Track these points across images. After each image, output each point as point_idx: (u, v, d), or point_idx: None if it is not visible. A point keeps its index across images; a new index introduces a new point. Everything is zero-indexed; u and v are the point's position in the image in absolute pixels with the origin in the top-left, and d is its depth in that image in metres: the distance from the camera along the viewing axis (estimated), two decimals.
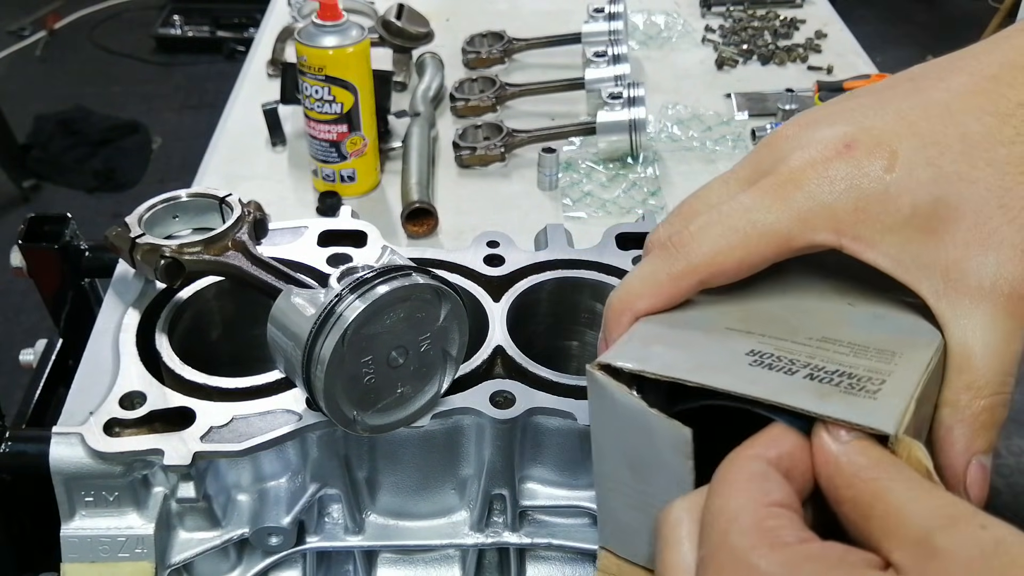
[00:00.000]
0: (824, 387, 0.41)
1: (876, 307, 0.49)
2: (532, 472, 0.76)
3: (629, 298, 0.50)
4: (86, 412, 0.68)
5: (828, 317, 0.48)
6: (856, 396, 0.40)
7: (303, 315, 0.62)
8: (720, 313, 0.49)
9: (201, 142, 1.44)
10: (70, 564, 0.69)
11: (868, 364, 0.43)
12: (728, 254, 0.47)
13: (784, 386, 0.41)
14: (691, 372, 0.43)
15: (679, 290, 0.49)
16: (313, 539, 0.77)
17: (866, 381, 0.41)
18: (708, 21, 1.76)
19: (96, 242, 0.89)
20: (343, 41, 1.15)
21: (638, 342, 0.47)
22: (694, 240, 0.48)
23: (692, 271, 0.48)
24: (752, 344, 0.45)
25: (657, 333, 0.48)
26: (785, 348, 0.44)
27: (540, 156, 1.28)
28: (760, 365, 0.43)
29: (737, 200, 0.48)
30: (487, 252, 0.85)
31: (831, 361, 0.43)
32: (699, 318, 0.49)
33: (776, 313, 0.49)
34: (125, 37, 4.04)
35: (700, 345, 0.46)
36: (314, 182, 1.28)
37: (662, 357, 0.44)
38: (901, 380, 0.42)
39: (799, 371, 0.42)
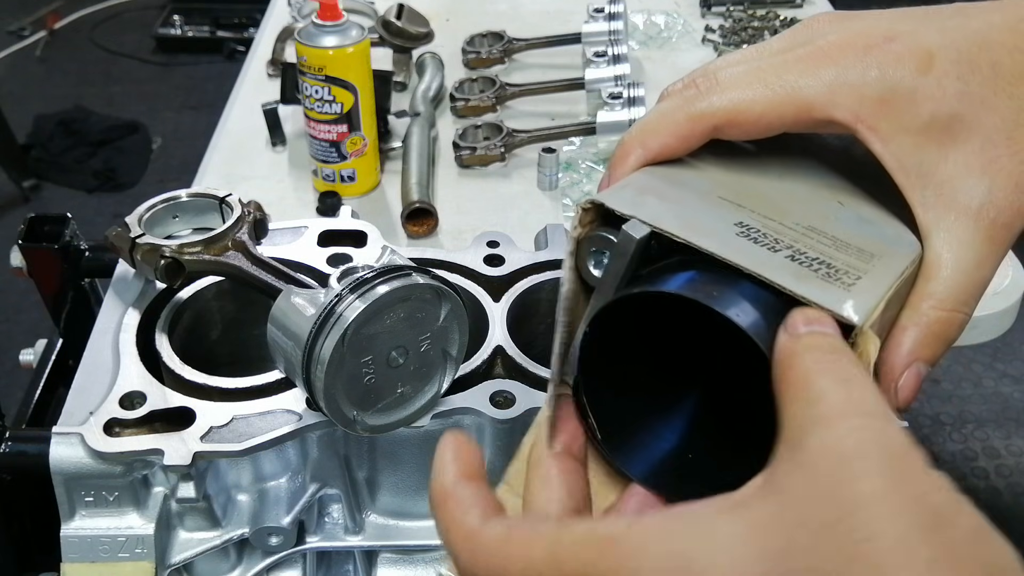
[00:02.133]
0: (803, 270, 0.42)
1: (863, 210, 0.50)
2: None
3: (642, 134, 0.50)
4: (86, 412, 0.68)
5: (817, 209, 0.49)
6: (831, 284, 0.42)
7: (303, 315, 0.62)
8: (716, 183, 0.49)
9: (201, 142, 1.44)
10: (70, 564, 0.69)
11: (847, 259, 0.44)
12: (750, 105, 0.47)
13: (765, 260, 0.42)
14: (678, 228, 0.43)
15: (694, 131, 0.49)
16: (313, 539, 0.77)
17: (843, 274, 0.43)
18: (708, 21, 1.76)
19: (96, 242, 0.89)
20: (343, 41, 1.15)
21: (633, 189, 0.47)
22: (719, 84, 0.48)
23: (711, 113, 0.48)
24: (742, 216, 0.46)
25: (653, 185, 0.47)
26: (772, 227, 0.45)
27: (540, 156, 1.28)
28: (746, 237, 0.44)
29: (770, 60, 0.49)
30: (487, 252, 0.85)
31: (813, 249, 0.44)
32: (695, 182, 0.49)
33: (768, 195, 0.49)
34: (125, 37, 4.04)
35: (692, 206, 0.46)
36: (314, 182, 1.28)
37: (653, 208, 0.45)
38: (876, 279, 0.43)
39: (782, 250, 0.43)
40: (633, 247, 0.43)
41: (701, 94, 0.49)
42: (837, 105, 0.46)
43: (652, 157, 0.49)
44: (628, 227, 0.43)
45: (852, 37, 0.48)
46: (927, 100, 0.46)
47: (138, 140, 3.36)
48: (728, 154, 0.52)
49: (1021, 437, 2.20)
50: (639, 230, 0.43)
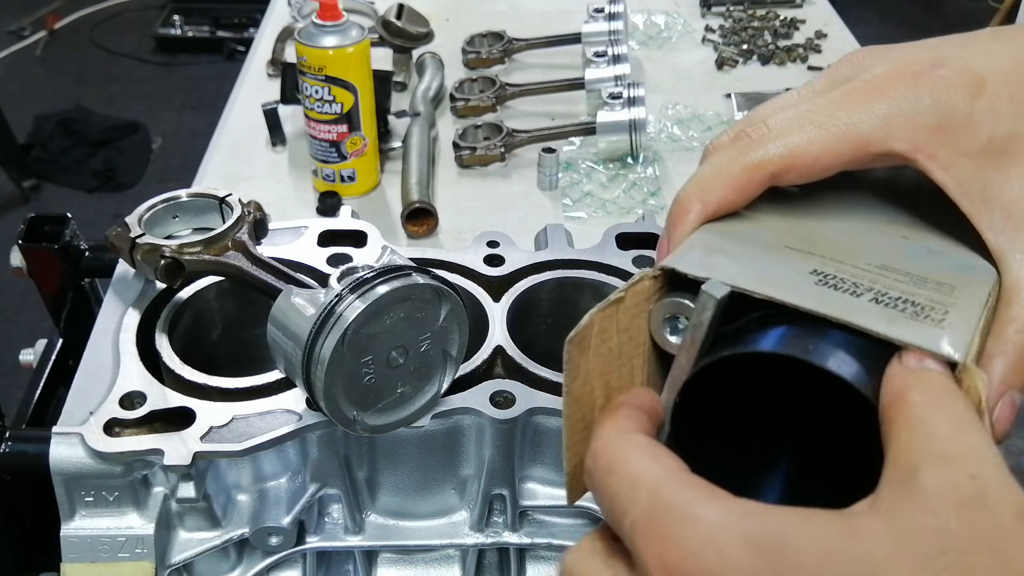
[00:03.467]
0: (890, 311, 0.41)
1: (929, 242, 0.49)
2: (532, 472, 0.76)
3: (700, 190, 0.49)
4: (86, 412, 0.68)
5: (885, 247, 0.48)
6: (921, 323, 0.41)
7: (303, 315, 0.62)
8: (779, 232, 0.48)
9: (201, 142, 1.44)
10: (70, 564, 0.69)
11: (929, 295, 0.43)
12: (806, 148, 0.47)
13: (852, 306, 0.41)
14: (757, 284, 0.42)
15: (752, 181, 0.48)
16: (313, 539, 0.77)
17: (930, 310, 0.42)
18: (708, 21, 1.76)
19: (96, 242, 0.89)
20: (343, 41, 1.15)
21: (699, 251, 0.45)
22: (771, 131, 0.48)
23: (768, 161, 0.47)
24: (814, 264, 0.45)
25: (718, 244, 0.46)
26: (846, 271, 0.44)
27: (540, 156, 1.28)
28: (825, 285, 0.43)
29: (818, 100, 0.48)
30: (487, 252, 0.85)
31: (893, 288, 0.43)
32: (757, 234, 0.48)
33: (833, 238, 0.48)
34: (125, 37, 4.04)
35: (763, 260, 0.45)
36: (314, 182, 1.28)
37: (726, 267, 0.43)
38: (963, 311, 0.42)
39: (864, 294, 0.42)
40: (713, 308, 0.42)
41: (755, 143, 0.48)
42: (894, 137, 0.46)
43: (711, 213, 0.49)
44: (708, 287, 0.42)
45: (899, 67, 0.47)
46: (983, 123, 0.45)
47: (138, 140, 3.36)
48: (780, 200, 0.50)
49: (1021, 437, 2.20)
50: (719, 290, 0.41)
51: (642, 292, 0.45)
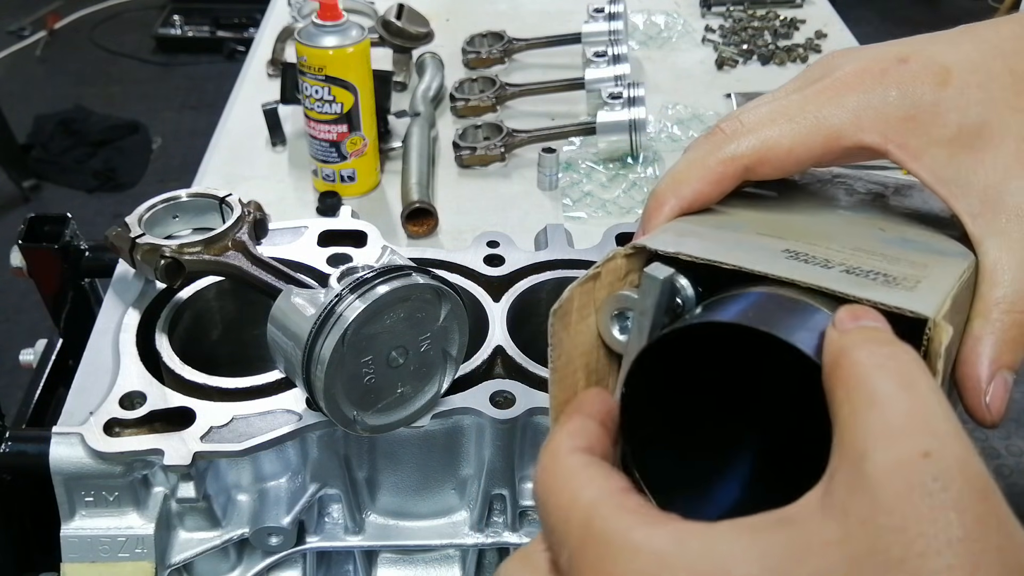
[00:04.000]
0: (861, 279, 0.41)
1: (906, 233, 0.50)
2: (532, 472, 0.76)
3: (674, 183, 0.49)
4: (86, 412, 0.68)
5: (860, 235, 0.48)
6: (892, 288, 0.40)
7: (303, 315, 0.62)
8: (752, 223, 0.49)
9: (201, 142, 1.44)
10: (70, 564, 0.69)
11: (902, 270, 0.43)
12: (778, 141, 0.48)
13: (822, 275, 0.41)
14: (728, 256, 0.42)
15: (726, 174, 0.49)
16: (313, 539, 0.77)
17: (902, 280, 0.42)
18: (708, 21, 1.76)
19: (96, 242, 0.89)
20: (343, 41, 1.15)
21: (672, 233, 0.46)
22: (744, 126, 0.49)
23: (741, 155, 0.48)
24: (787, 245, 0.45)
25: (691, 230, 0.47)
26: (819, 251, 0.44)
27: (540, 156, 1.28)
28: (796, 259, 0.43)
29: (790, 97, 0.49)
30: (487, 252, 0.85)
31: (865, 263, 0.43)
32: (732, 224, 0.48)
33: (808, 228, 0.49)
34: (125, 37, 4.04)
35: (734, 242, 0.45)
36: (314, 182, 1.28)
37: (696, 245, 0.43)
38: (936, 282, 0.42)
39: (835, 267, 0.42)
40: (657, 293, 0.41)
41: (728, 138, 0.49)
42: (864, 130, 0.47)
43: (686, 206, 0.49)
44: (650, 270, 0.41)
45: (867, 64, 0.48)
46: (951, 111, 0.46)
47: (138, 140, 3.36)
48: (755, 200, 0.51)
49: (1021, 437, 2.20)
50: (661, 271, 0.41)
51: (616, 271, 0.45)
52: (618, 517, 0.34)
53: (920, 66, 0.47)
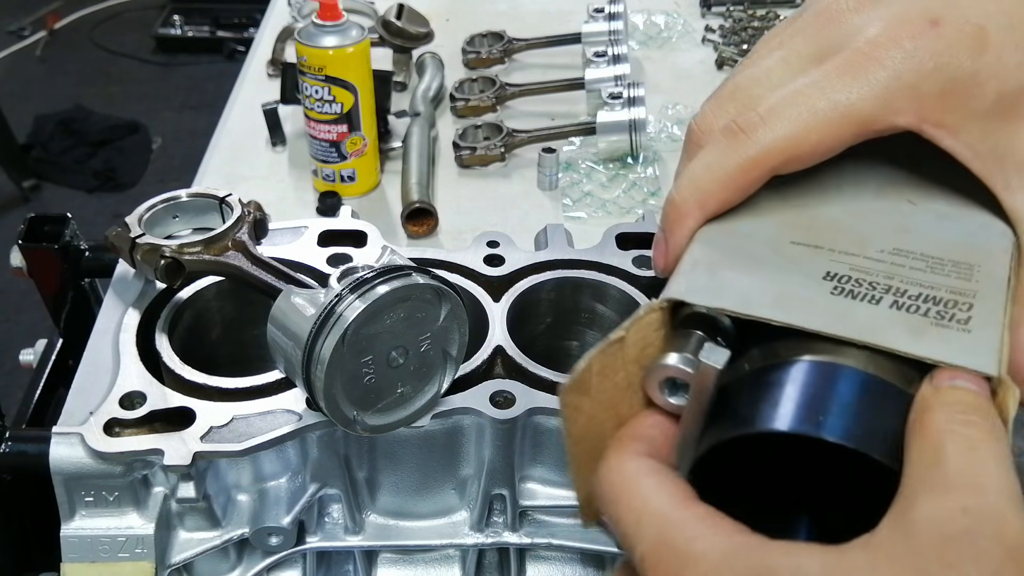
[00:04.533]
0: (913, 318, 0.39)
1: (937, 203, 0.46)
2: (532, 472, 0.76)
3: (697, 194, 0.46)
4: (86, 412, 0.68)
5: (893, 220, 0.45)
6: (948, 329, 0.39)
7: (303, 315, 0.62)
8: (780, 223, 0.45)
9: (201, 142, 1.44)
10: (70, 564, 0.69)
11: (949, 283, 0.41)
12: (804, 137, 0.43)
13: (873, 320, 0.39)
14: (773, 308, 0.40)
15: (750, 179, 0.45)
16: (313, 539, 0.77)
17: (953, 307, 0.40)
18: (708, 21, 1.76)
19: (96, 242, 0.89)
20: (343, 41, 1.15)
21: (704, 269, 0.43)
22: (765, 123, 0.44)
23: (765, 158, 0.44)
24: (825, 264, 0.42)
25: (721, 253, 0.44)
26: (860, 267, 0.42)
27: (540, 156, 1.28)
28: (842, 293, 0.41)
29: (810, 78, 0.44)
30: (487, 252, 0.85)
31: (910, 282, 0.41)
32: (760, 230, 0.45)
33: (838, 217, 0.46)
34: (125, 37, 4.04)
35: (772, 268, 0.43)
36: (314, 182, 1.28)
37: (736, 287, 0.41)
38: (988, 301, 0.40)
39: (882, 298, 0.40)
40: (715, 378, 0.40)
41: (748, 137, 0.44)
42: (897, 111, 0.43)
43: (710, 215, 0.46)
44: (707, 357, 0.40)
45: (893, 28, 0.43)
46: (990, 79, 0.42)
47: (138, 140, 3.36)
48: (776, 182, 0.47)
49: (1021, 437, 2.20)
50: (719, 357, 0.39)
51: (651, 324, 0.42)
52: (688, 525, 0.36)
53: (954, 30, 0.42)
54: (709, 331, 0.42)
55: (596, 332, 0.87)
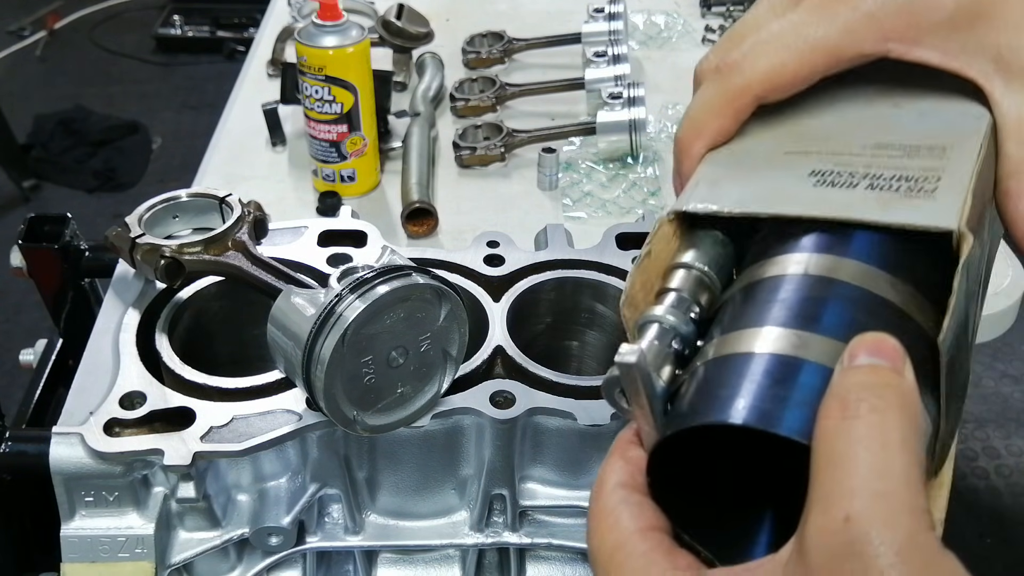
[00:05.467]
0: (885, 195, 0.43)
1: (921, 103, 0.51)
2: (532, 472, 0.76)
3: (694, 127, 0.52)
4: (86, 412, 0.68)
5: (877, 122, 0.50)
6: (916, 199, 0.43)
7: (303, 315, 0.62)
8: (777, 139, 0.51)
9: (201, 142, 1.44)
10: (70, 564, 0.69)
11: (921, 164, 0.45)
12: (781, 70, 0.49)
13: (848, 201, 0.44)
14: (761, 204, 0.45)
15: (739, 108, 0.51)
16: (313, 539, 0.77)
17: (923, 181, 0.43)
18: (708, 21, 1.76)
19: (96, 242, 0.89)
20: (343, 41, 1.15)
21: (705, 184, 0.49)
22: (746, 60, 0.50)
23: (748, 88, 0.50)
24: (812, 164, 0.47)
25: (722, 170, 0.50)
26: (843, 162, 0.47)
27: (540, 156, 1.28)
28: (823, 184, 0.46)
29: (786, 19, 0.50)
30: (487, 252, 0.85)
31: (887, 167, 0.45)
32: (759, 148, 0.51)
33: (828, 127, 0.51)
34: (125, 37, 4.04)
35: (764, 174, 0.48)
36: (314, 182, 1.28)
37: (732, 194, 0.47)
38: (955, 173, 0.44)
39: (859, 183, 0.45)
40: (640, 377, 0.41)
41: (732, 74, 0.50)
42: (862, 40, 0.48)
43: (711, 144, 0.52)
44: (619, 358, 0.41)
45: None
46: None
47: (138, 140, 3.36)
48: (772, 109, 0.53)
49: (1021, 437, 2.20)
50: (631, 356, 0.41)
51: (665, 236, 0.48)
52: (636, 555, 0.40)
53: None
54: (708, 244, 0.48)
55: (596, 332, 0.87)
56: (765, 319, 0.42)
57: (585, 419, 0.69)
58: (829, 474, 0.33)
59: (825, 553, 0.32)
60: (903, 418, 0.34)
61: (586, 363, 0.89)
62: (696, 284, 0.47)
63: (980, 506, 2.04)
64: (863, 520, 0.31)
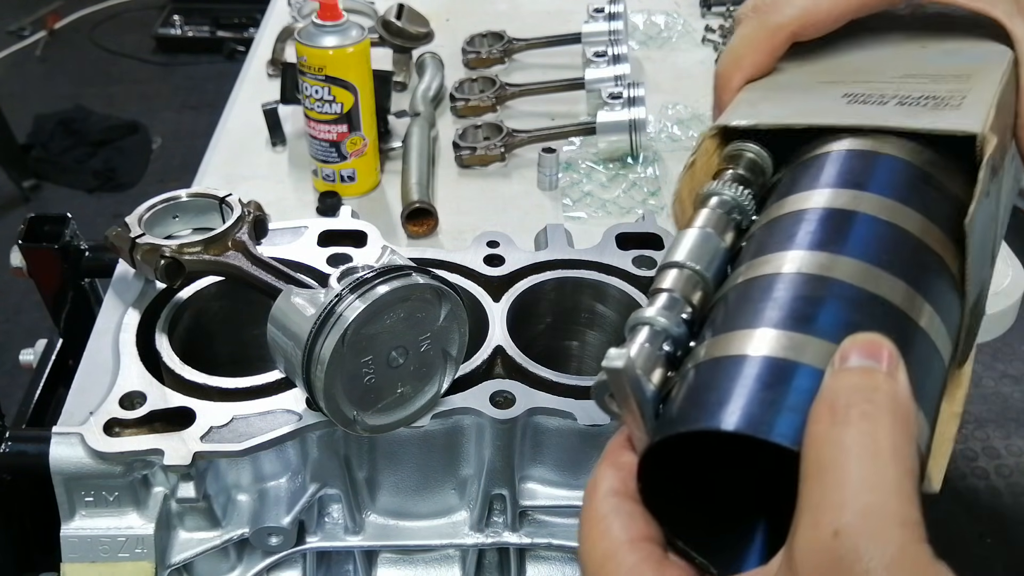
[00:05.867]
0: (913, 108, 0.47)
1: (946, 44, 0.54)
2: (532, 472, 0.76)
3: (734, 60, 0.56)
4: (86, 412, 0.68)
5: (905, 59, 0.54)
6: (942, 111, 0.46)
7: (303, 315, 0.62)
8: (811, 73, 0.55)
9: (201, 142, 1.44)
10: (70, 564, 0.69)
11: (947, 87, 0.48)
12: (815, 9, 0.53)
13: (878, 113, 0.47)
14: (796, 117, 0.49)
15: (775, 42, 0.54)
16: (313, 539, 0.77)
17: (948, 99, 0.47)
18: (708, 21, 1.76)
19: (96, 242, 0.89)
20: (343, 41, 1.15)
21: (745, 104, 0.53)
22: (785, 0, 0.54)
23: (784, 26, 0.53)
24: (845, 89, 0.51)
25: (760, 94, 0.54)
26: (874, 88, 0.50)
27: (540, 156, 1.28)
28: (855, 102, 0.49)
29: None
30: (487, 252, 0.85)
31: (915, 90, 0.49)
32: (794, 79, 0.55)
33: (859, 62, 0.55)
34: (125, 37, 4.03)
35: (801, 97, 0.53)
36: (314, 182, 1.28)
37: (769, 111, 0.51)
38: (980, 92, 0.47)
39: (889, 102, 0.48)
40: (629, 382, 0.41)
41: (771, 11, 0.54)
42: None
43: (749, 77, 0.55)
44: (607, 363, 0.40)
45: None
46: None
47: (138, 140, 3.36)
48: (807, 50, 0.57)
49: (1021, 437, 2.20)
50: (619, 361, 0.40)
51: (708, 151, 0.52)
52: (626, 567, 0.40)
53: None
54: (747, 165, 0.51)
55: (596, 332, 0.87)
56: (758, 320, 0.41)
57: (585, 419, 0.69)
58: (818, 484, 0.33)
59: (814, 569, 0.31)
60: (895, 424, 0.34)
61: (586, 363, 0.89)
62: (688, 283, 0.46)
63: (980, 506, 2.04)
64: (852, 534, 0.31)
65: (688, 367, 0.43)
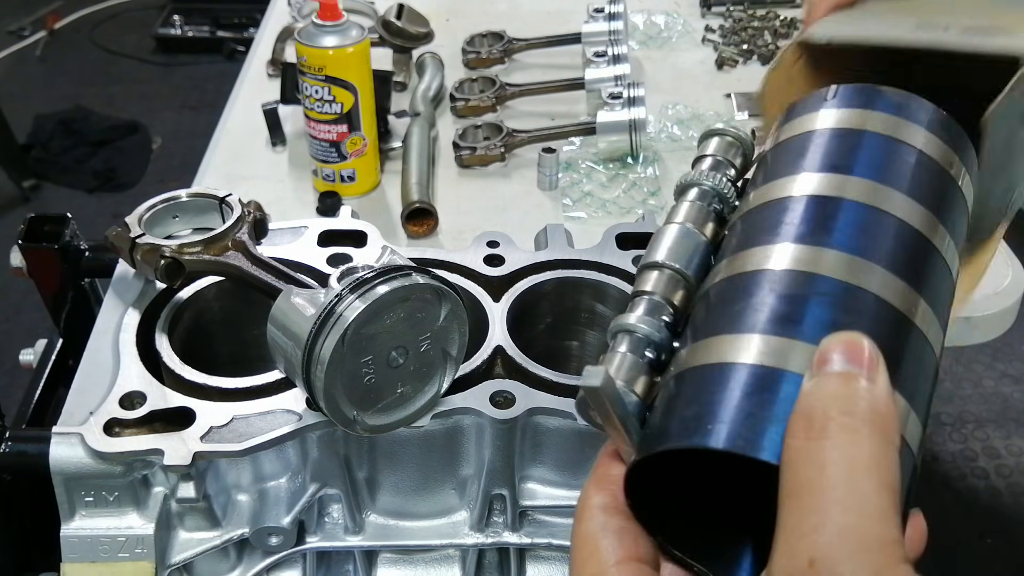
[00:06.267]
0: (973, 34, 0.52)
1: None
2: (532, 472, 0.76)
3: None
4: (86, 412, 0.68)
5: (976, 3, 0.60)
6: (997, 36, 0.51)
7: (303, 315, 0.62)
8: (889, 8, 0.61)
9: (201, 142, 1.44)
10: (70, 564, 0.69)
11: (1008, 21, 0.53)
12: None
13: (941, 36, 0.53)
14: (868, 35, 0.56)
15: None
16: (313, 539, 0.77)
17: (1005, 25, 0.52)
18: (708, 21, 1.76)
19: (96, 242, 0.89)
20: (343, 41, 1.15)
21: (827, 23, 0.60)
22: None
23: None
24: (918, 19, 0.57)
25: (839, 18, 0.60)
26: (943, 17, 0.55)
27: (540, 156, 1.28)
28: (924, 29, 0.55)
29: None
30: (487, 252, 0.85)
31: (979, 21, 0.54)
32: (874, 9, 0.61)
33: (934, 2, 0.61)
34: (125, 37, 4.03)
35: (876, 22, 0.59)
36: (314, 182, 1.28)
37: (846, 30, 0.58)
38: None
39: (952, 29, 0.53)
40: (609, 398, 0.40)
41: None
42: None
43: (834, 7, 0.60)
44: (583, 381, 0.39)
45: None
46: None
47: (138, 140, 3.35)
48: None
49: (1021, 437, 2.20)
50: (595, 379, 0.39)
51: (790, 60, 0.60)
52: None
53: None
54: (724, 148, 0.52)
55: (596, 332, 0.87)
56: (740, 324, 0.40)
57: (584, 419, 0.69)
58: (796, 506, 0.32)
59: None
60: (873, 435, 0.32)
61: (586, 363, 0.89)
62: (669, 284, 0.45)
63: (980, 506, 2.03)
64: (828, 561, 0.30)
65: (670, 375, 0.42)
